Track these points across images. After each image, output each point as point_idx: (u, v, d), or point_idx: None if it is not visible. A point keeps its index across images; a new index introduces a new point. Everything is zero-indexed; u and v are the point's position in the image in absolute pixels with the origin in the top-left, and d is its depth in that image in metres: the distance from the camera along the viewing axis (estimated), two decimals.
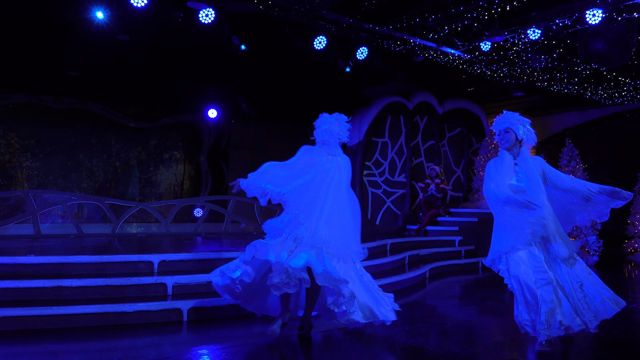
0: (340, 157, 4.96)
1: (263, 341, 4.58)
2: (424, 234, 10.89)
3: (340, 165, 4.91)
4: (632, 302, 6.77)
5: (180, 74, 11.90)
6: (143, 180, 14.00)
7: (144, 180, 14.01)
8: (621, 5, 7.40)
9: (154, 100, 13.76)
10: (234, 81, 12.76)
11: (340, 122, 5.00)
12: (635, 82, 11.16)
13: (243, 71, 11.97)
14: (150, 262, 5.93)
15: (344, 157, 5.01)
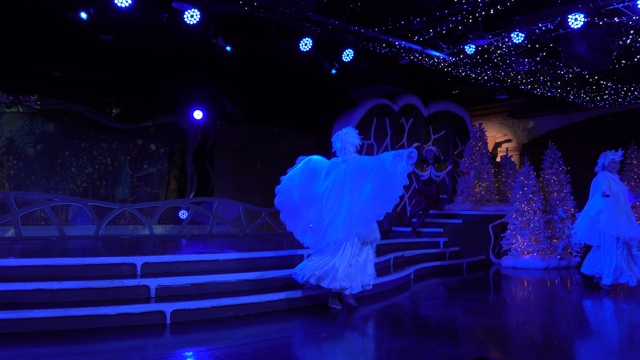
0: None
1: (246, 344, 4.56)
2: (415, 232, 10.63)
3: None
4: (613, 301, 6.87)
5: (166, 75, 11.83)
6: (134, 181, 13.89)
7: (134, 181, 13.90)
8: (602, 10, 7.51)
9: (138, 101, 13.65)
10: (220, 82, 12.72)
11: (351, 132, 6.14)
12: (616, 86, 11.34)
13: (229, 72, 11.94)
14: (133, 264, 5.87)
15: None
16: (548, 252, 10.43)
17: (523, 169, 10.80)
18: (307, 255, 7.27)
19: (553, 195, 10.82)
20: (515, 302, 7.33)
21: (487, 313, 6.33)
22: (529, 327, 5.52)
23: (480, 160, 11.42)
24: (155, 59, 10.83)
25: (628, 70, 10.38)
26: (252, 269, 6.45)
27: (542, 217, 10.43)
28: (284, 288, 6.17)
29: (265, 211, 11.40)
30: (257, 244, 8.60)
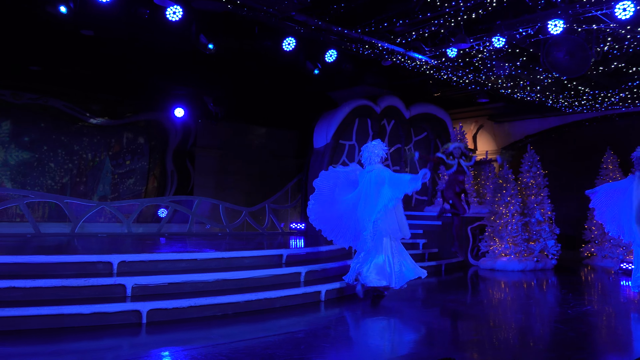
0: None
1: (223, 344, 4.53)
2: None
3: None
4: (587, 304, 6.98)
5: (147, 72, 11.69)
6: (115, 177, 13.70)
7: (115, 178, 13.72)
8: (581, 17, 7.64)
9: (118, 97, 13.47)
10: (202, 80, 12.61)
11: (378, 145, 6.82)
12: (594, 92, 11.53)
13: (211, 71, 11.85)
14: (109, 263, 5.79)
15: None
16: (525, 255, 10.57)
17: (502, 172, 10.92)
18: (287, 255, 7.26)
19: (531, 198, 10.97)
20: (492, 303, 7.41)
21: (464, 314, 6.39)
22: (506, 328, 5.58)
23: None
24: (136, 55, 10.69)
25: (605, 76, 10.56)
26: (231, 269, 6.42)
27: (520, 220, 10.56)
28: (262, 288, 6.15)
29: (246, 210, 11.37)
30: (236, 243, 8.56)
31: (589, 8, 7.31)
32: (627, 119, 12.92)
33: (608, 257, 11.14)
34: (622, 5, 6.93)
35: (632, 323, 6.03)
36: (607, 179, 11.70)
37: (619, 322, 5.96)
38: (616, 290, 8.53)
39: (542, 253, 10.74)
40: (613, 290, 8.52)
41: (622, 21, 7.19)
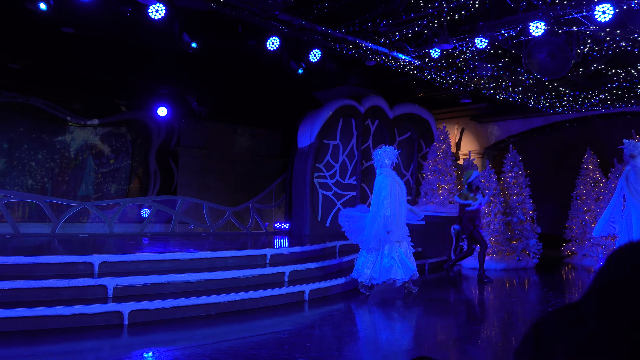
0: None
1: (206, 344, 4.50)
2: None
3: None
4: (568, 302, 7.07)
5: (129, 70, 11.57)
6: (99, 177, 13.54)
7: (98, 177, 13.55)
8: (562, 19, 7.73)
9: (100, 96, 13.31)
10: (185, 79, 12.52)
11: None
12: (574, 93, 11.69)
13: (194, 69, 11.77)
14: (90, 264, 5.72)
15: None
16: (507, 254, 10.68)
17: (485, 172, 11.03)
18: (271, 255, 7.24)
19: (513, 198, 11.09)
20: (475, 302, 7.47)
21: (447, 313, 6.44)
22: (488, 326, 5.63)
23: (444, 162, 11.59)
24: (118, 53, 10.57)
25: (585, 78, 10.72)
26: (215, 269, 6.38)
27: (502, 219, 10.67)
28: (246, 288, 6.13)
29: (230, 210, 11.31)
30: (220, 243, 8.51)
31: (570, 10, 7.40)
32: (606, 119, 13.14)
33: (588, 256, 11.31)
34: (601, 8, 7.03)
35: None
36: (587, 178, 11.90)
37: None
38: None
39: (524, 252, 10.86)
40: None
41: (601, 23, 7.30)
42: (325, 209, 11.39)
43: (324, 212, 11.34)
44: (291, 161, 11.58)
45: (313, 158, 11.08)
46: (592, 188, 11.78)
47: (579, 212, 11.82)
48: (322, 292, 6.80)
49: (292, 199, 11.34)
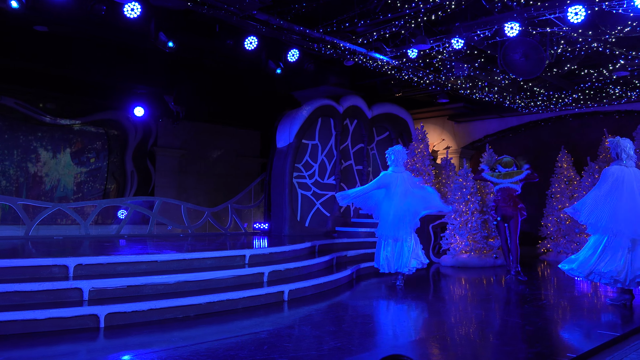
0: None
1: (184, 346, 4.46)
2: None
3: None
4: (543, 298, 7.21)
5: (104, 70, 11.40)
6: (79, 176, 13.31)
7: (78, 177, 13.32)
8: (536, 20, 7.87)
9: (74, 95, 13.08)
10: (162, 79, 12.39)
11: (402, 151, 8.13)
12: (549, 93, 11.91)
13: (171, 69, 11.67)
14: (65, 266, 5.61)
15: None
16: (484, 252, 10.82)
17: (462, 171, 11.15)
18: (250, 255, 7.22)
19: (490, 196, 11.23)
20: (453, 300, 7.55)
21: (426, 310, 6.49)
22: (466, 323, 5.69)
23: (422, 161, 11.69)
24: (93, 52, 10.42)
25: (559, 78, 10.92)
26: (193, 270, 6.32)
27: (479, 218, 10.81)
28: (224, 289, 6.09)
29: (208, 211, 11.23)
30: (198, 244, 8.45)
31: (543, 11, 7.53)
32: (580, 119, 13.41)
33: (563, 253, 11.53)
34: (573, 10, 7.17)
35: (586, 316, 6.26)
36: (562, 177, 12.12)
37: (573, 316, 6.17)
38: (571, 284, 8.83)
39: (501, 250, 11.00)
40: (568, 284, 8.81)
41: (574, 25, 7.45)
42: (305, 209, 11.38)
43: (303, 212, 11.33)
44: (270, 161, 11.55)
45: (292, 158, 11.06)
46: (567, 186, 12.00)
47: (554, 210, 12.04)
48: (301, 292, 6.79)
49: (271, 199, 11.31)
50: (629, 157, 6.51)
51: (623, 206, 6.32)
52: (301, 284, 6.85)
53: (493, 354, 4.56)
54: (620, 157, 6.53)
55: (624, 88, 11.22)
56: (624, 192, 6.36)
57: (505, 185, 8.93)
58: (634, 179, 6.43)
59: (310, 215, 11.47)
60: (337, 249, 9.41)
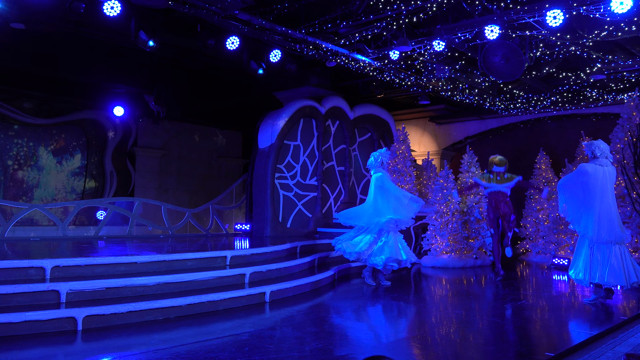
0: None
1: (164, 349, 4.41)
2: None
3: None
4: (522, 298, 7.29)
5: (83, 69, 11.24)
6: (62, 176, 13.09)
7: (61, 176, 13.10)
8: (515, 24, 7.97)
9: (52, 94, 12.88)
10: (142, 78, 12.27)
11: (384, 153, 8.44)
12: (528, 95, 12.08)
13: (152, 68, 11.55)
14: (41, 268, 5.51)
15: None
16: (465, 252, 10.92)
17: (443, 172, 11.24)
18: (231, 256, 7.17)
19: (470, 197, 11.34)
20: (434, 300, 7.60)
21: (407, 311, 6.52)
22: (447, 323, 5.73)
23: (403, 163, 11.76)
24: (72, 51, 10.26)
25: (538, 81, 11.09)
26: (173, 272, 6.26)
27: (460, 219, 10.90)
28: (205, 291, 6.04)
29: (189, 212, 11.13)
30: (179, 245, 8.36)
31: (523, 15, 7.64)
32: (558, 121, 13.62)
33: (542, 253, 11.69)
34: (552, 13, 7.29)
35: (563, 315, 6.35)
36: (540, 178, 12.30)
37: (551, 315, 6.26)
38: (549, 284, 8.96)
39: (481, 250, 11.13)
40: (546, 284, 8.94)
41: (552, 28, 7.56)
42: (286, 209, 11.36)
43: (285, 213, 11.31)
44: (252, 162, 11.50)
45: (274, 159, 11.03)
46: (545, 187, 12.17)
47: (532, 210, 12.21)
48: (283, 293, 6.77)
49: (253, 199, 11.26)
50: (603, 155, 6.62)
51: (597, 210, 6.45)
52: (283, 285, 6.82)
53: (473, 354, 4.60)
54: (596, 155, 6.64)
55: (600, 91, 11.43)
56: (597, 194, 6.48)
57: (497, 189, 8.98)
58: (609, 179, 6.56)
59: (292, 216, 11.45)
60: (319, 250, 9.40)
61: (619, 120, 10.04)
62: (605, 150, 6.64)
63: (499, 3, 7.83)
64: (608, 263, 6.41)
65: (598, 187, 6.49)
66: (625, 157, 9.49)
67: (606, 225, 6.42)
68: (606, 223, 6.43)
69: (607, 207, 6.49)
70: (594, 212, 6.47)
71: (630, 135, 9.32)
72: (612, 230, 6.42)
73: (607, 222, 6.44)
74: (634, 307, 6.85)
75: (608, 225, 6.43)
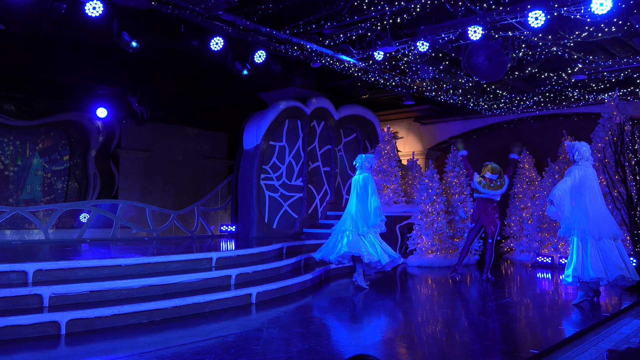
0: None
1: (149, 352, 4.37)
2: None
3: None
4: (507, 296, 7.36)
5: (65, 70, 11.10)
6: (49, 176, 12.92)
7: (48, 176, 12.93)
8: (498, 24, 8.05)
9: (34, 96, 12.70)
10: (126, 79, 12.15)
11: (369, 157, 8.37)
12: (511, 96, 12.21)
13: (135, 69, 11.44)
14: (23, 272, 5.43)
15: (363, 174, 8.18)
16: (450, 251, 10.99)
17: (428, 172, 11.30)
18: (217, 258, 7.14)
19: (455, 197, 11.43)
20: (420, 299, 7.64)
21: (393, 311, 6.55)
22: (433, 322, 5.77)
23: (389, 163, 11.81)
24: (54, 51, 10.13)
25: (520, 81, 11.21)
26: (158, 274, 6.21)
27: (445, 218, 10.97)
28: (191, 293, 6.01)
29: (174, 214, 11.05)
30: (164, 247, 8.30)
31: (505, 16, 7.71)
32: (540, 121, 13.78)
33: (525, 252, 11.82)
34: (534, 14, 7.37)
35: (548, 313, 6.42)
36: (524, 177, 12.44)
37: (535, 313, 6.32)
38: (533, 282, 9.06)
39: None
40: (530, 282, 9.04)
41: (534, 29, 7.65)
42: (272, 210, 11.33)
43: (270, 214, 11.28)
44: (237, 163, 11.45)
45: (259, 159, 11.00)
46: (529, 186, 12.32)
47: (516, 209, 12.34)
48: (269, 294, 6.76)
49: (239, 201, 11.22)
50: (583, 159, 6.73)
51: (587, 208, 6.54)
52: (269, 286, 6.81)
53: (459, 352, 4.63)
54: (576, 160, 6.77)
55: (582, 91, 11.59)
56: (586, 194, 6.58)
57: (489, 196, 9.02)
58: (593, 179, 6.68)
59: (278, 217, 11.43)
60: (305, 251, 9.40)
61: (600, 119, 10.19)
62: (586, 153, 6.74)
63: (481, 4, 7.90)
64: (607, 258, 6.48)
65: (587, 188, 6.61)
66: (606, 155, 9.63)
67: (599, 222, 6.52)
68: (600, 220, 6.53)
69: (599, 206, 6.62)
70: (587, 211, 6.56)
71: (611, 134, 9.46)
72: (606, 226, 6.54)
73: (601, 219, 6.55)
74: (615, 303, 6.96)
75: (602, 221, 6.54)
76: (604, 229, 6.52)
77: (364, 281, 7.97)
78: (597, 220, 6.52)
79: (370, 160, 8.34)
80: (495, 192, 8.99)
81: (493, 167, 9.06)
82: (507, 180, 9.15)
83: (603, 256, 6.47)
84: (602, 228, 6.51)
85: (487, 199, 9.01)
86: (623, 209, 8.96)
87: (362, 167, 8.27)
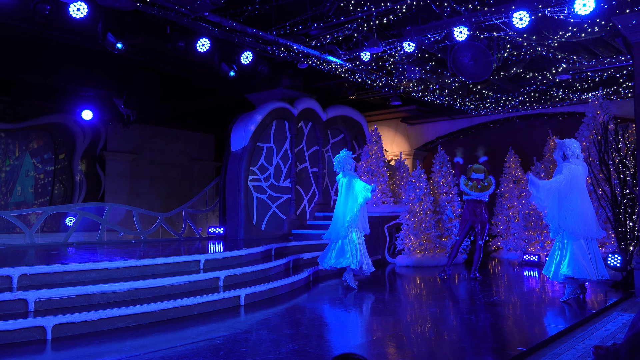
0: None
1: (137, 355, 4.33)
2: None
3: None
4: (495, 295, 7.42)
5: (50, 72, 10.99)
6: (40, 178, 12.76)
7: (40, 178, 12.77)
8: (483, 25, 8.11)
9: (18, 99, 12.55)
10: (111, 81, 12.06)
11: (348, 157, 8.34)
12: (497, 96, 12.31)
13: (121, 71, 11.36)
14: (8, 277, 5.35)
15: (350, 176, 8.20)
16: (438, 251, 11.05)
17: (415, 172, 11.35)
18: (204, 260, 7.10)
19: (442, 196, 11.49)
20: (409, 299, 7.66)
21: (382, 310, 6.56)
22: (422, 321, 5.79)
23: (376, 163, 11.84)
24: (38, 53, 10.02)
25: (506, 81, 11.30)
26: (146, 277, 6.17)
27: (433, 218, 11.03)
28: (179, 295, 5.97)
29: (161, 216, 10.98)
30: (151, 250, 8.24)
31: (490, 16, 7.78)
32: (526, 120, 13.90)
33: (513, 250, 11.91)
34: (518, 15, 7.44)
35: (535, 310, 6.48)
36: (510, 176, 12.53)
37: (523, 311, 6.38)
38: (520, 281, 9.13)
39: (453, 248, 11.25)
40: (517, 281, 9.11)
41: (519, 29, 7.72)
42: (260, 212, 11.30)
43: (259, 216, 11.25)
44: (224, 165, 11.41)
45: (247, 161, 10.97)
46: (515, 186, 12.42)
47: (503, 208, 12.43)
48: (258, 296, 6.74)
49: (227, 202, 11.17)
50: (573, 155, 6.81)
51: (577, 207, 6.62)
52: (258, 287, 6.79)
53: (448, 351, 4.65)
54: (567, 157, 6.82)
55: (566, 91, 11.72)
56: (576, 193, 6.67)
57: (477, 197, 9.13)
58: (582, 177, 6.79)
59: (266, 219, 11.40)
60: (293, 252, 9.39)
61: (584, 119, 10.31)
62: (576, 150, 6.84)
63: (467, 5, 7.95)
64: (592, 257, 6.60)
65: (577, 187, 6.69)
66: (590, 154, 9.74)
67: (590, 221, 6.63)
68: (590, 219, 6.65)
69: (589, 205, 6.73)
70: (578, 210, 6.64)
71: (595, 133, 9.57)
72: (589, 226, 6.61)
73: (591, 218, 6.67)
74: (601, 300, 7.04)
75: (592, 221, 6.66)
76: (593, 228, 6.61)
77: (354, 281, 7.99)
78: (588, 219, 6.62)
79: (349, 160, 8.28)
80: (483, 194, 9.14)
81: (477, 167, 9.25)
82: (493, 181, 9.30)
83: (597, 255, 6.62)
84: (590, 227, 6.60)
85: (475, 200, 9.14)
86: (608, 207, 9.07)
87: (344, 170, 8.24)
